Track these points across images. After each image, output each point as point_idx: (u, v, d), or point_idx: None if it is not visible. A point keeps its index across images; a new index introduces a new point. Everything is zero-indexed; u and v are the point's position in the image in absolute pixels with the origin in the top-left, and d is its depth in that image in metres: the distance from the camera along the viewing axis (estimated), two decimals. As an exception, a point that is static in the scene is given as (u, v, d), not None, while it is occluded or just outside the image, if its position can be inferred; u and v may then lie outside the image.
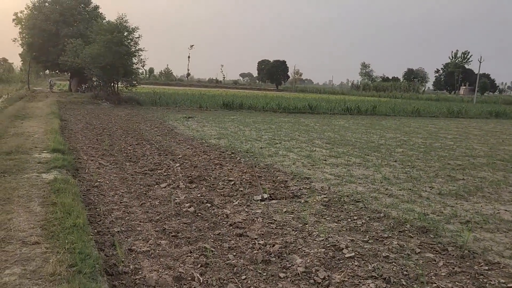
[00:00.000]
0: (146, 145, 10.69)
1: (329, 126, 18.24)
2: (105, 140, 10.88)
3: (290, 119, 21.22)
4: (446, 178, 8.13)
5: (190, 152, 9.83)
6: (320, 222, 5.22)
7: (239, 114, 22.53)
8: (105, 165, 7.97)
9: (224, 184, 6.94)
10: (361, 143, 12.69)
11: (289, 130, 15.60)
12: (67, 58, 29.26)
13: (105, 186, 6.35)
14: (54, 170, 6.31)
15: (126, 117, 18.12)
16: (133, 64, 25.09)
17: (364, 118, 23.90)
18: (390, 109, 28.11)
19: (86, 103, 23.39)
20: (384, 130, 17.45)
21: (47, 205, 4.58)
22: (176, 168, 7.95)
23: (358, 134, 15.27)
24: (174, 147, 10.40)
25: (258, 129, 15.66)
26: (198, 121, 17.83)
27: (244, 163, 8.76)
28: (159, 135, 12.75)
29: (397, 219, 5.39)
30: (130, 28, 24.50)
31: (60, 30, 32.45)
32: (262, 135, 13.82)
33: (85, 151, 9.39)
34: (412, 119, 25.15)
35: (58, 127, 11.76)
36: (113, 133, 12.61)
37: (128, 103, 24.44)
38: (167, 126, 15.35)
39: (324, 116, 24.45)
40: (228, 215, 5.33)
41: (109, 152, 9.37)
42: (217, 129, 14.93)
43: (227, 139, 12.32)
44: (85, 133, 12.30)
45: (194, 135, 12.98)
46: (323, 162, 9.25)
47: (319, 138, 13.66)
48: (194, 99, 28.09)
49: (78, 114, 18.13)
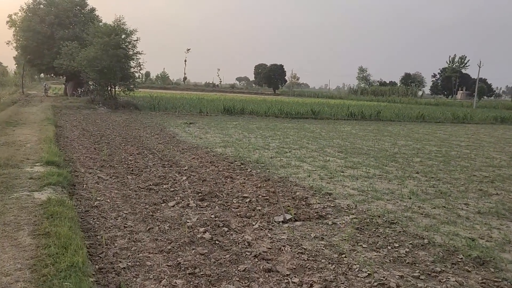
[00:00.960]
0: (148, 154, 9.94)
1: (336, 132, 17.57)
2: (104, 149, 10.11)
3: (294, 124, 20.53)
4: (478, 193, 7.44)
5: (196, 163, 9.09)
6: (357, 251, 4.50)
7: (241, 120, 21.81)
8: (105, 179, 7.21)
9: (239, 202, 6.21)
10: (374, 152, 12.01)
11: (296, 137, 14.90)
12: (63, 61, 28.44)
13: (106, 206, 5.60)
14: (48, 188, 5.54)
15: (124, 123, 17.36)
16: (131, 67, 24.31)
17: (369, 124, 23.25)
18: (394, 115, 27.50)
19: (82, 108, 22.59)
20: (393, 137, 16.79)
21: (39, 236, 3.83)
22: (184, 183, 7.21)
23: (368, 142, 14.60)
24: (178, 157, 9.66)
25: (263, 136, 14.95)
26: (200, 127, 17.10)
27: (256, 175, 8.04)
28: (161, 143, 12.00)
29: (445, 247, 4.68)
30: (128, 31, 23.76)
31: (55, 32, 31.61)
32: (269, 142, 13.11)
33: (82, 162, 8.62)
34: (418, 124, 24.54)
35: (53, 135, 10.98)
36: (111, 141, 11.85)
37: (126, 108, 23.66)
38: (168, 132, 14.60)
39: (328, 121, 23.78)
40: (250, 243, 4.60)
41: (108, 163, 8.62)
42: (221, 136, 14.20)
43: (234, 148, 11.59)
44: (81, 141, 11.53)
45: (198, 143, 12.25)
46: (341, 174, 8.54)
47: (329, 146, 12.97)
48: (193, 104, 27.35)
49: (74, 119, 17.33)
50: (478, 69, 58.03)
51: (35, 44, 31.34)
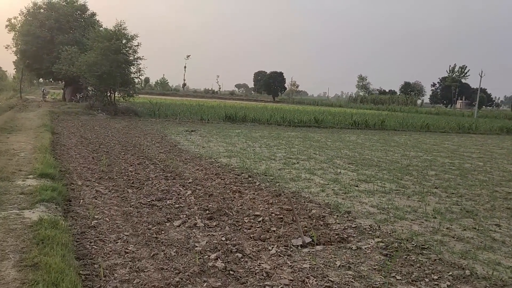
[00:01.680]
0: (149, 165, 9.38)
1: (342, 142, 17.04)
2: (103, 159, 9.55)
3: (298, 133, 20.01)
4: (507, 212, 6.90)
5: (201, 175, 8.54)
6: (391, 284, 3.94)
7: (243, 128, 21.29)
8: (104, 193, 6.65)
9: (251, 221, 5.65)
10: (386, 164, 11.48)
11: (301, 147, 14.37)
12: (62, 66, 27.94)
13: (105, 226, 5.03)
14: (40, 205, 4.98)
15: (124, 130, 16.81)
16: (131, 73, 23.81)
17: (374, 133, 22.76)
18: (398, 124, 27.03)
19: (81, 113, 22.03)
20: (401, 147, 16.27)
21: (25, 268, 3.27)
22: (189, 198, 6.65)
23: (377, 152, 14.08)
24: (181, 168, 9.10)
25: (268, 145, 14.41)
26: (202, 135, 16.56)
27: (266, 189, 7.49)
28: (162, 152, 11.45)
29: (490, 280, 4.12)
30: (129, 36, 23.30)
31: (55, 37, 31.15)
32: (275, 152, 12.57)
33: (79, 173, 8.06)
34: (423, 134, 24.06)
35: (49, 143, 10.42)
36: (110, 150, 11.29)
37: (125, 114, 23.12)
38: (169, 141, 14.05)
39: (331, 130, 23.28)
40: (269, 273, 4.04)
41: (107, 175, 8.05)
42: (224, 145, 13.66)
43: (239, 158, 11.05)
44: (79, 149, 10.96)
45: (201, 153, 11.70)
46: (356, 189, 8.00)
47: (338, 157, 12.43)
48: (194, 111, 26.83)
49: (72, 126, 16.77)
50: (480, 79, 57.83)
51: (35, 48, 30.85)
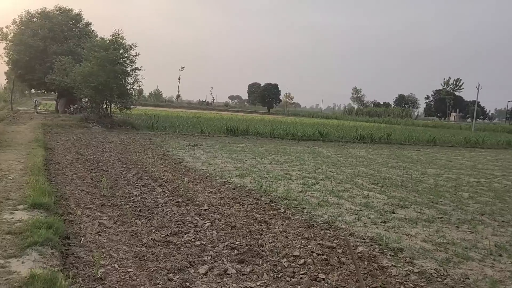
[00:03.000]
0: (156, 187, 8.34)
1: (354, 158, 16.13)
2: (103, 180, 8.50)
3: (303, 148, 19.08)
4: None
5: (216, 199, 7.52)
6: None
7: (246, 142, 20.32)
8: (108, 226, 5.60)
9: (291, 265, 4.64)
10: (411, 184, 10.54)
11: (314, 163, 13.41)
12: (55, 77, 26.88)
13: (114, 277, 3.99)
14: (33, 251, 3.92)
15: (122, 144, 15.75)
16: (129, 84, 22.81)
17: (381, 147, 21.91)
18: (404, 138, 26.25)
19: (75, 126, 20.91)
20: (416, 163, 15.40)
21: None
22: (210, 232, 5.62)
23: (394, 170, 13.16)
24: (192, 191, 8.07)
25: (278, 161, 13.44)
26: (206, 150, 15.54)
27: (295, 218, 6.50)
28: (167, 170, 10.41)
29: None
30: (127, 45, 22.35)
31: (49, 47, 30.10)
32: (288, 170, 11.60)
33: (77, 198, 7.00)
34: (431, 149, 23.27)
35: (42, 162, 9.33)
36: (110, 168, 10.23)
37: (122, 127, 22.03)
38: (172, 157, 13.02)
39: (338, 144, 22.39)
40: None
41: (109, 200, 7.00)
42: (232, 162, 12.66)
43: (252, 177, 10.05)
44: (76, 168, 9.88)
45: (209, 171, 10.68)
46: (394, 216, 7.04)
47: (357, 175, 11.48)
48: (192, 123, 25.83)
49: (67, 140, 15.67)
50: (477, 92, 57.62)
51: (27, 58, 29.76)
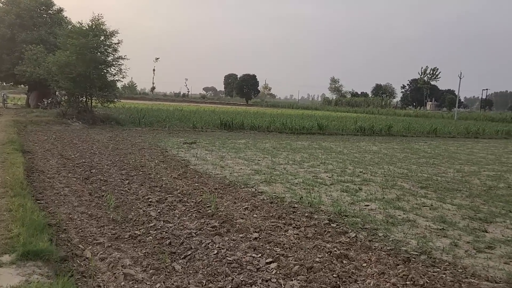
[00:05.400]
0: (175, 202, 6.57)
1: (369, 153, 14.74)
2: (105, 194, 6.68)
3: (307, 142, 17.57)
4: None
5: (259, 220, 5.86)
6: None
7: (245, 137, 18.62)
8: (138, 278, 3.83)
9: None
10: (461, 186, 9.18)
11: (334, 162, 11.90)
12: (26, 68, 24.29)
13: None
14: None
15: (110, 143, 13.75)
16: (112, 75, 20.55)
17: (387, 140, 20.68)
18: (404, 129, 25.17)
19: (52, 123, 18.61)
20: (439, 159, 14.16)
21: None
22: (283, 280, 3.96)
23: (424, 167, 11.83)
24: (222, 208, 6.37)
25: (294, 161, 11.85)
26: (207, 148, 13.77)
27: (379, 249, 4.93)
28: (177, 177, 8.63)
29: None
30: (108, 32, 20.07)
31: (17, 35, 27.30)
32: (314, 172, 10.02)
33: (79, 227, 5.17)
34: (435, 140, 22.26)
35: (23, 173, 7.35)
36: (108, 176, 8.35)
37: (105, 123, 19.85)
38: (174, 158, 11.21)
39: (341, 138, 21.00)
40: None
41: (123, 228, 5.22)
42: (245, 162, 10.99)
43: (281, 183, 8.43)
44: (65, 178, 7.95)
45: (226, 176, 8.98)
46: (493, 238, 5.58)
47: (393, 176, 10.02)
48: (179, 117, 23.83)
49: (45, 140, 13.52)
50: (459, 81, 57.75)
51: (-8, 47, 26.92)
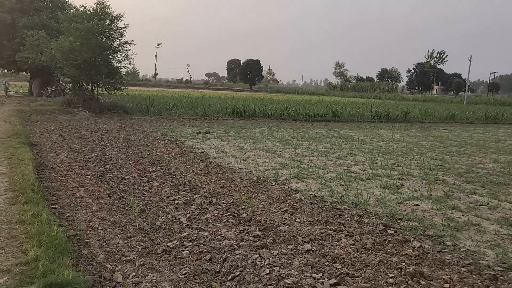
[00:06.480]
0: (204, 204, 5.84)
1: (394, 142, 13.95)
2: (125, 194, 5.95)
3: (326, 130, 16.78)
4: None
5: (304, 225, 5.13)
6: None
7: (259, 125, 17.83)
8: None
9: None
10: (505, 179, 8.41)
11: (361, 152, 11.12)
12: (28, 54, 23.43)
13: None
14: None
15: (120, 133, 13.01)
16: (118, 61, 19.70)
17: (406, 127, 19.85)
18: (421, 115, 24.28)
19: (58, 112, 17.85)
20: (468, 147, 13.36)
21: None
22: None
23: (456, 157, 11.05)
24: (259, 211, 5.63)
25: (318, 152, 11.09)
26: (223, 138, 13.00)
27: (445, 258, 4.20)
28: (199, 172, 7.89)
29: None
30: (113, 16, 19.13)
31: (17, 20, 26.34)
32: (344, 165, 9.26)
33: (102, 238, 4.44)
34: (454, 126, 21.41)
35: (33, 171, 6.60)
36: (124, 173, 7.62)
37: (112, 111, 19.08)
38: (191, 150, 10.45)
39: (357, 125, 20.18)
40: None
41: (153, 238, 4.50)
42: (267, 155, 10.23)
43: (312, 179, 7.68)
44: (79, 176, 7.22)
45: (251, 171, 8.24)
46: None
47: (428, 168, 9.25)
48: (187, 105, 23.01)
49: (52, 131, 12.78)
50: (469, 64, 56.34)
51: (-8, 33, 26.00)
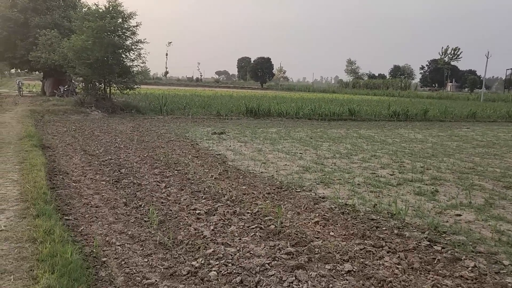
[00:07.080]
0: (228, 215, 5.39)
1: (418, 143, 13.35)
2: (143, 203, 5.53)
3: (344, 130, 16.23)
4: None
5: (339, 240, 4.64)
6: None
7: (275, 125, 17.35)
8: None
9: None
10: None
11: (384, 154, 10.56)
12: (41, 54, 23.25)
13: None
14: None
15: (135, 134, 12.65)
16: (131, 60, 19.38)
17: (427, 126, 19.17)
18: (441, 113, 23.52)
19: (70, 112, 17.60)
20: (496, 148, 12.70)
21: None
22: None
23: (487, 159, 10.44)
24: (288, 222, 5.16)
25: (340, 153, 10.56)
26: (239, 139, 12.54)
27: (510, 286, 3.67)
28: (218, 177, 7.44)
29: None
30: (125, 14, 18.79)
31: (30, 19, 26.20)
32: (370, 168, 8.74)
33: (120, 256, 4.02)
34: (477, 125, 20.64)
35: (45, 179, 6.23)
36: (140, 177, 7.21)
37: (125, 111, 18.79)
38: (207, 152, 10.02)
39: (375, 124, 19.56)
40: None
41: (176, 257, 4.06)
42: (287, 157, 9.74)
43: (339, 184, 7.18)
44: (93, 182, 6.83)
45: (273, 175, 7.78)
46: None
47: (461, 172, 8.68)
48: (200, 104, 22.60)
49: (65, 132, 12.47)
50: (486, 61, 55.01)
51: (6, 33, 25.87)
